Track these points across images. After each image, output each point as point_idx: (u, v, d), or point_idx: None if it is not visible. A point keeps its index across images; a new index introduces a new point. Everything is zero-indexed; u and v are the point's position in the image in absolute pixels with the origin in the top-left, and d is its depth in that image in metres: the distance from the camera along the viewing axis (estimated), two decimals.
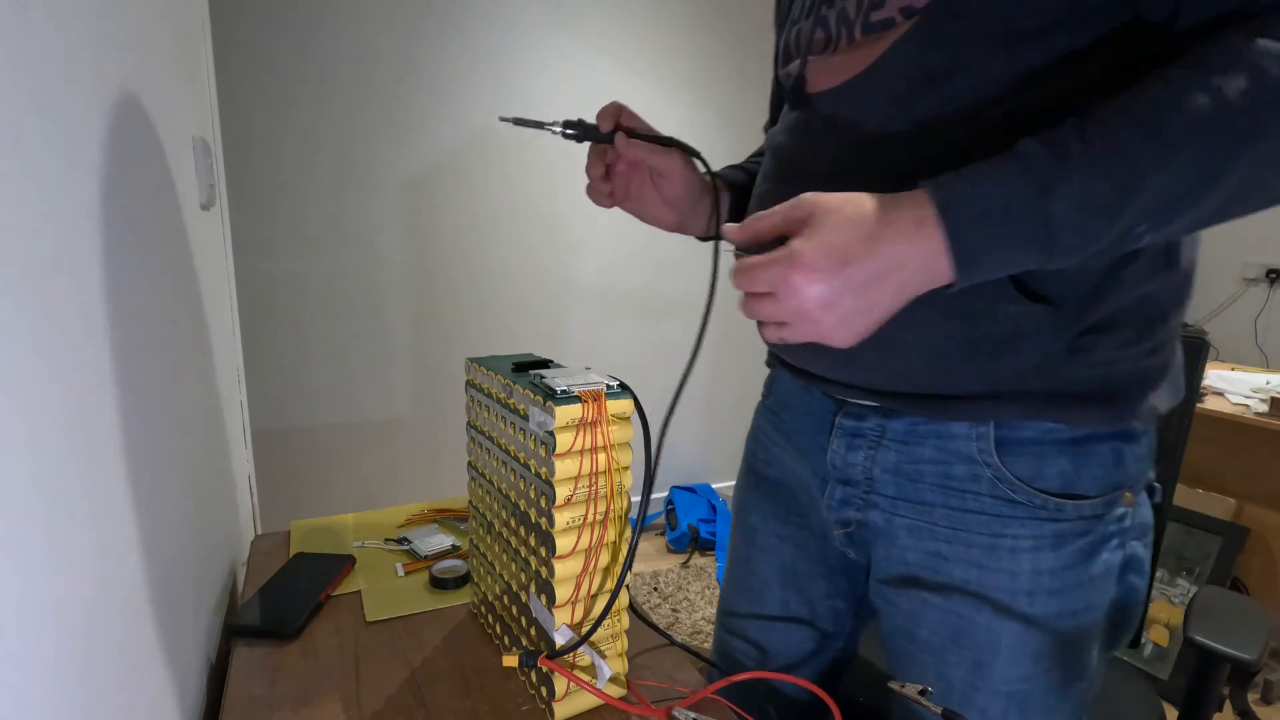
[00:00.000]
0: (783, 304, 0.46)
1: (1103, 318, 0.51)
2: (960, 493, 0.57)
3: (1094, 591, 0.57)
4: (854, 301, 0.45)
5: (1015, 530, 0.56)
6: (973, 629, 0.58)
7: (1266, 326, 2.65)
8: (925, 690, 0.52)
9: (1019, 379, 0.53)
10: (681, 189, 0.69)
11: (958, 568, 0.58)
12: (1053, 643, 0.57)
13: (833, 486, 0.66)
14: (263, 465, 1.88)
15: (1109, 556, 0.56)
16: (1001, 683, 0.58)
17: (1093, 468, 0.55)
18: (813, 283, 0.44)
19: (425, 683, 0.65)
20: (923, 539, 0.60)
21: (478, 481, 0.73)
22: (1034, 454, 0.55)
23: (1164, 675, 1.74)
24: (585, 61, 2.27)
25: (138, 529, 0.49)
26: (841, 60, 0.56)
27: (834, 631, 0.78)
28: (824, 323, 0.46)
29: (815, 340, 0.48)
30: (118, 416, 0.46)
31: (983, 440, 0.56)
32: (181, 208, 0.76)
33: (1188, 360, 0.99)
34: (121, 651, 0.43)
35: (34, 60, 0.36)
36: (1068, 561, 0.55)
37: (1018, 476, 0.55)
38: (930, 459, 0.58)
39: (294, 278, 1.99)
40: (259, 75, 1.85)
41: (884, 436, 0.61)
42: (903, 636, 0.64)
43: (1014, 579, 0.56)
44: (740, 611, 0.82)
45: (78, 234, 0.41)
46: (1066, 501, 0.55)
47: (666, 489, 2.71)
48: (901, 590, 0.63)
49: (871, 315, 0.46)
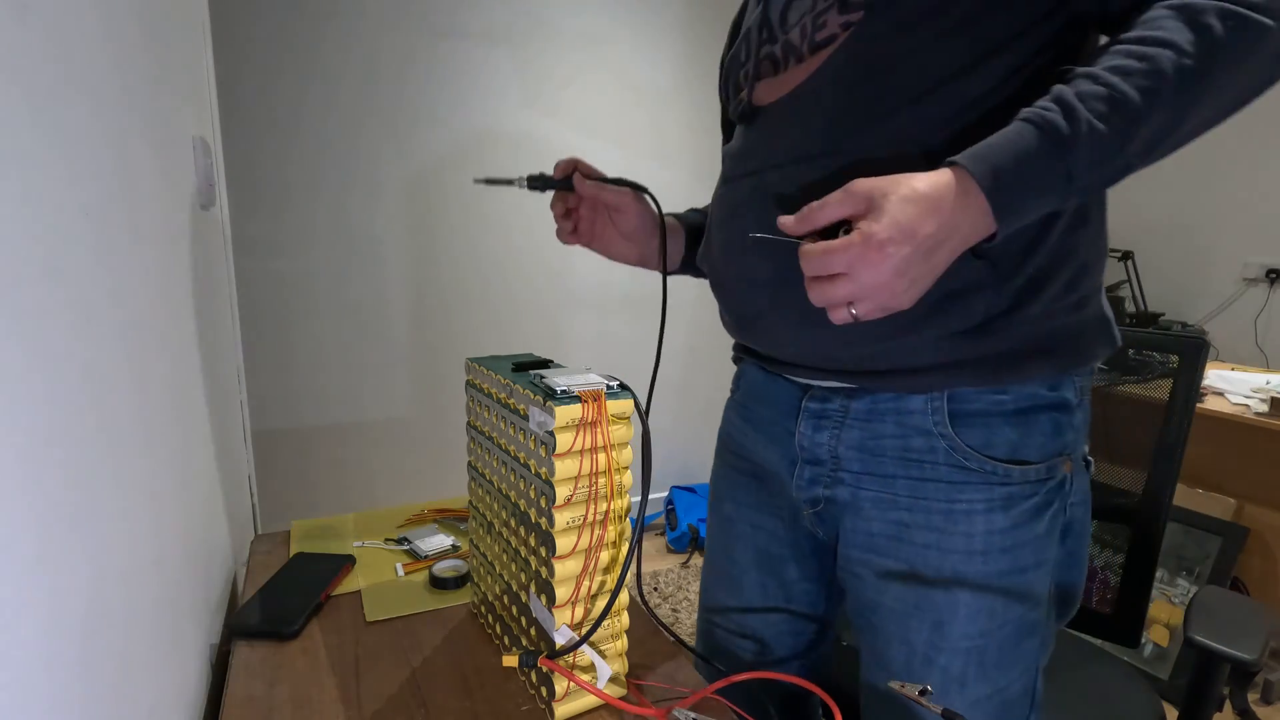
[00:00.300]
0: (859, 281, 0.50)
1: (1036, 274, 0.58)
2: (919, 463, 0.63)
3: (1041, 549, 0.63)
4: (923, 266, 0.50)
5: (969, 495, 0.61)
6: (933, 591, 0.63)
7: (1266, 326, 2.65)
8: (925, 690, 0.52)
9: (969, 344, 0.59)
10: (636, 222, 0.78)
11: (919, 533, 0.63)
12: (1006, 599, 0.62)
13: (801, 467, 0.71)
14: (263, 465, 1.88)
15: (1053, 517, 0.63)
16: (961, 638, 0.63)
17: (1035, 435, 0.61)
18: (890, 257, 0.49)
19: (425, 683, 0.65)
20: (886, 510, 0.65)
21: (478, 481, 0.73)
22: (983, 424, 0.61)
23: (1164, 675, 1.74)
24: (585, 60, 2.27)
25: (137, 529, 0.49)
26: (789, 75, 0.64)
27: (810, 613, 0.83)
28: (898, 289, 0.50)
29: (885, 310, 0.52)
30: (117, 417, 0.46)
31: (938, 414, 0.62)
32: (181, 208, 0.76)
33: (1188, 360, 1.00)
34: (121, 652, 0.43)
35: (34, 60, 0.36)
36: (1017, 521, 0.61)
37: (970, 445, 0.61)
38: (891, 434, 0.64)
39: (294, 278, 1.99)
40: (259, 75, 1.85)
41: (847, 416, 0.66)
42: (868, 609, 0.68)
43: (970, 540, 0.61)
44: (721, 599, 0.87)
45: (78, 234, 0.41)
46: (1014, 467, 0.61)
47: (666, 489, 2.71)
48: (867, 563, 0.67)
49: (933, 275, 0.52)
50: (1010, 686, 0.65)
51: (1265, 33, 0.47)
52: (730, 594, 0.85)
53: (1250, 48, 0.48)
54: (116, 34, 0.54)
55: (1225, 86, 0.49)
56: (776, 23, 0.65)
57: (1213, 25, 0.47)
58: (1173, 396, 0.99)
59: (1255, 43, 0.47)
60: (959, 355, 0.60)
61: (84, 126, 0.44)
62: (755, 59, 0.67)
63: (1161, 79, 0.47)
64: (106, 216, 0.47)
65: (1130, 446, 1.04)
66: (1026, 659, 0.65)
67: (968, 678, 0.63)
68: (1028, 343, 0.59)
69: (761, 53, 0.67)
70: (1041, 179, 0.49)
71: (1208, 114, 0.50)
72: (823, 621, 0.84)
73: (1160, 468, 0.99)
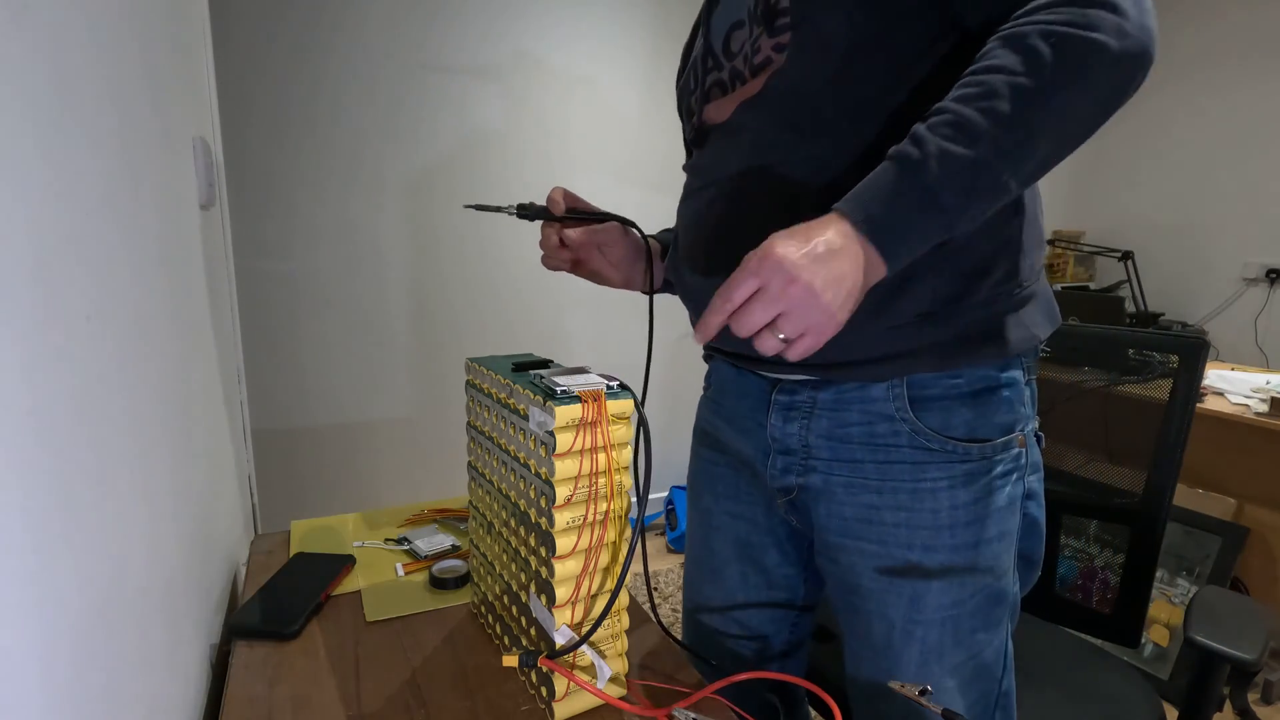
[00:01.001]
0: (773, 291, 0.52)
1: (979, 261, 0.62)
2: (885, 447, 0.67)
3: (1003, 520, 0.67)
4: (830, 277, 0.52)
5: (933, 474, 0.65)
6: (906, 567, 0.67)
7: (1266, 326, 2.66)
8: (925, 690, 0.52)
9: (922, 332, 0.63)
10: (622, 252, 0.82)
11: (888, 514, 0.67)
12: (975, 570, 0.66)
13: (774, 457, 0.74)
14: (263, 465, 1.88)
15: (1012, 489, 0.67)
16: (935, 610, 0.67)
17: (990, 414, 0.66)
18: (790, 248, 0.52)
19: (425, 683, 0.65)
20: (857, 494, 0.68)
21: (478, 481, 0.73)
22: (941, 407, 0.65)
23: (1164, 675, 1.74)
24: (587, 58, 2.27)
25: (137, 529, 0.49)
26: (734, 96, 0.69)
27: (790, 600, 0.87)
28: (830, 290, 0.52)
29: (815, 321, 0.53)
30: (118, 416, 0.46)
31: (899, 400, 0.66)
32: (181, 208, 0.76)
33: (1188, 360, 1.00)
34: (121, 651, 0.43)
35: (33, 60, 0.36)
36: (978, 494, 0.65)
37: (930, 427, 0.65)
38: (856, 421, 0.68)
39: (294, 278, 1.99)
40: (259, 75, 1.85)
41: (815, 406, 0.70)
42: (848, 590, 0.72)
43: (936, 515, 0.66)
44: (704, 591, 0.90)
45: (78, 234, 0.41)
46: (973, 445, 0.65)
47: (666, 489, 2.71)
48: (842, 547, 0.71)
49: (846, 309, 0.54)
50: (983, 651, 0.69)
51: (1091, 45, 0.50)
52: (713, 584, 0.88)
53: (1081, 60, 0.51)
54: (116, 33, 0.54)
55: (1072, 100, 0.52)
56: (720, 51, 0.70)
57: (1037, 46, 0.51)
58: (1173, 396, 0.99)
59: (1086, 55, 0.51)
60: (913, 344, 0.64)
61: (83, 126, 0.44)
62: (703, 86, 0.73)
63: (997, 98, 0.51)
64: (106, 216, 0.47)
65: (1130, 446, 1.04)
66: (996, 624, 0.69)
67: (944, 646, 0.68)
68: (977, 327, 0.64)
69: (709, 80, 0.72)
70: (907, 203, 0.53)
71: (1064, 128, 0.53)
72: (803, 608, 0.88)
73: (1160, 468, 0.99)
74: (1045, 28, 0.51)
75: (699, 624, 0.91)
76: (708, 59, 0.72)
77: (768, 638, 0.88)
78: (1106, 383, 1.10)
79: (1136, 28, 0.51)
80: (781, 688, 0.91)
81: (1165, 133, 2.87)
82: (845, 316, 0.54)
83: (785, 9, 0.61)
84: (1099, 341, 1.10)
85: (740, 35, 0.67)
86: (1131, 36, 0.51)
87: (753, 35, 0.65)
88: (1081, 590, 1.30)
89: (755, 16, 0.65)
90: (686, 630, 0.95)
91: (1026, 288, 0.66)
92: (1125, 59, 0.51)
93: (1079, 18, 0.51)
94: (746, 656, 0.89)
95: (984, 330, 0.64)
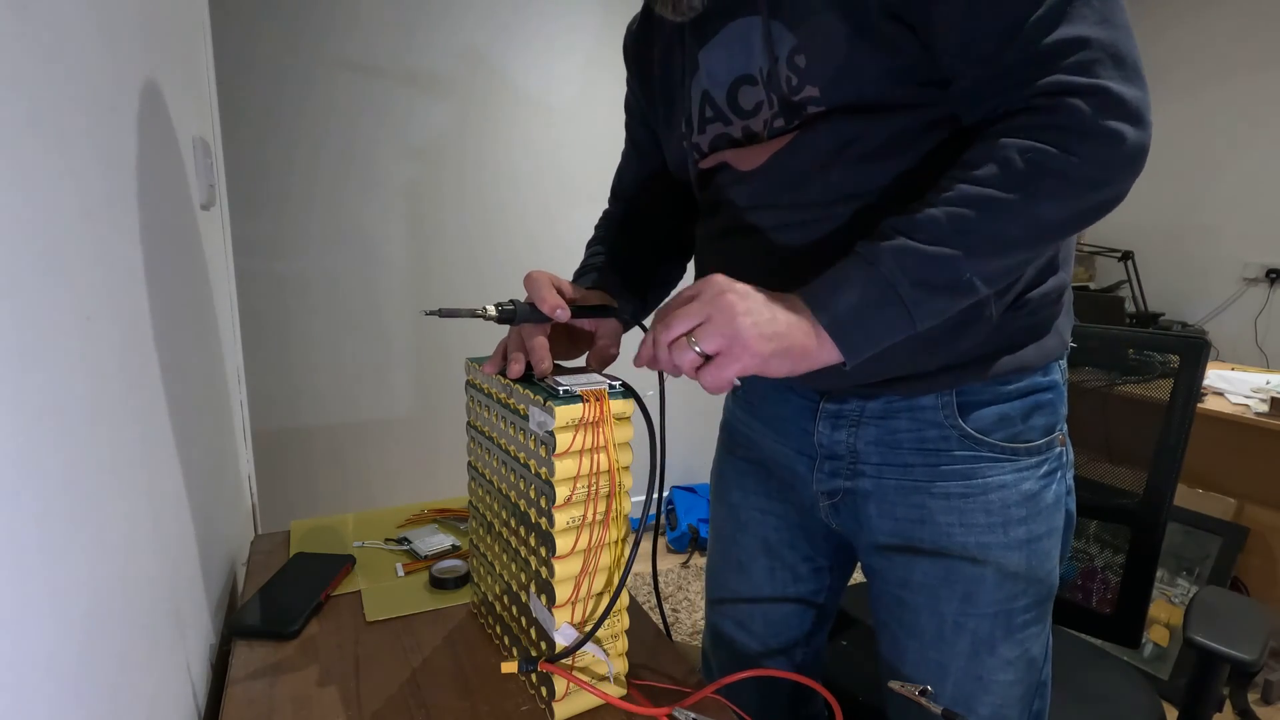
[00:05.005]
0: (702, 298, 0.53)
1: (1033, 274, 0.64)
2: (935, 452, 0.68)
3: (1051, 516, 0.69)
4: (760, 318, 0.53)
5: (984, 475, 0.67)
6: (960, 564, 0.68)
7: (1266, 326, 2.66)
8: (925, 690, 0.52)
9: (975, 347, 0.64)
10: (613, 335, 0.78)
11: (941, 514, 0.68)
12: (1027, 565, 0.68)
13: (821, 462, 0.75)
14: (263, 465, 1.88)
15: (1056, 486, 0.69)
16: (989, 605, 0.68)
17: (1035, 416, 0.68)
18: (734, 285, 0.54)
19: (425, 683, 0.65)
20: (908, 495, 0.70)
21: (478, 481, 0.73)
22: (990, 413, 0.67)
23: (1164, 675, 1.73)
24: (586, 56, 2.27)
25: (137, 529, 0.49)
26: (756, 150, 0.68)
27: (813, 600, 0.87)
28: (754, 315, 0.53)
29: (731, 339, 0.52)
30: (118, 416, 0.46)
31: (948, 409, 0.67)
32: (181, 208, 0.76)
33: (1189, 360, 0.99)
34: (121, 651, 0.43)
35: (34, 61, 0.36)
36: (1028, 494, 0.67)
37: (978, 432, 0.67)
38: (906, 429, 0.69)
39: (294, 278, 1.99)
40: (259, 75, 1.85)
41: (863, 415, 0.71)
42: (898, 586, 0.72)
43: (989, 514, 0.67)
44: (730, 585, 0.90)
45: (78, 234, 0.41)
46: (1019, 446, 0.67)
47: (667, 489, 2.71)
48: (893, 545, 0.72)
49: (770, 346, 0.54)
50: (1033, 646, 0.70)
51: (1067, 164, 0.52)
52: (738, 578, 0.88)
53: (1051, 175, 0.52)
54: (116, 34, 0.54)
55: (1042, 211, 0.53)
56: (725, 106, 0.69)
57: (1012, 158, 0.53)
58: (1173, 397, 0.99)
59: (1059, 171, 0.52)
60: (964, 358, 0.65)
61: (84, 126, 0.44)
62: (710, 132, 0.71)
63: (966, 202, 0.53)
64: (106, 217, 0.47)
65: (1130, 446, 1.04)
66: (1044, 615, 0.71)
67: (995, 640, 0.69)
68: (1023, 335, 0.65)
69: (711, 129, 0.71)
70: (865, 291, 0.54)
71: (1034, 233, 0.55)
72: (824, 610, 0.89)
73: (1160, 468, 0.99)
74: (1022, 142, 0.53)
75: (722, 623, 0.91)
76: (706, 108, 0.70)
77: (787, 637, 0.88)
78: (1107, 383, 1.10)
79: (1133, 143, 0.52)
80: (795, 691, 0.90)
81: (1165, 133, 2.87)
82: (767, 352, 0.53)
83: (813, 113, 0.61)
84: (1099, 341, 1.10)
85: (752, 94, 0.66)
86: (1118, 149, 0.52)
87: (770, 109, 0.64)
88: (1082, 590, 1.30)
89: (772, 87, 0.63)
90: (709, 630, 0.95)
91: (1064, 294, 0.68)
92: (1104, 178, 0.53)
93: (1058, 134, 0.52)
94: (764, 650, 0.89)
95: (1029, 337, 0.66)
